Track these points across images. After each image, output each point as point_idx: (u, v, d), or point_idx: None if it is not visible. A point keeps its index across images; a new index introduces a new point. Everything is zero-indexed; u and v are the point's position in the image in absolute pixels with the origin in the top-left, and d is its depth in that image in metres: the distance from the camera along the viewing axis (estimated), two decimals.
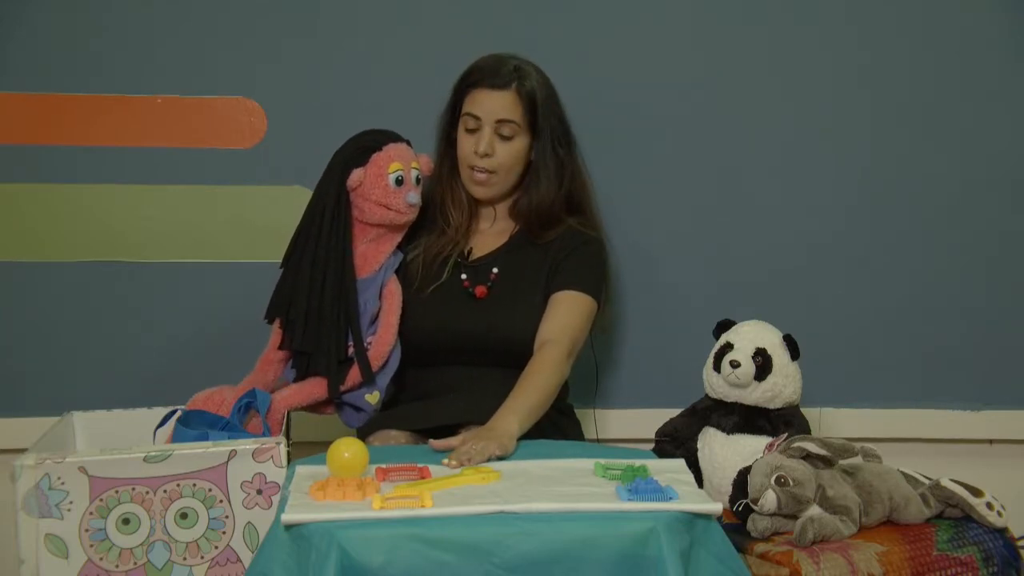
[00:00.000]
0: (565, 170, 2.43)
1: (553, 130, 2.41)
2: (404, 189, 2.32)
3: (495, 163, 2.39)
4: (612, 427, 2.73)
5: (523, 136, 2.40)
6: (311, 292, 2.29)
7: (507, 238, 2.47)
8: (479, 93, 2.38)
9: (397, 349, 2.36)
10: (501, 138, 2.38)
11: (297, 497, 1.84)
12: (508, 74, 2.38)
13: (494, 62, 2.40)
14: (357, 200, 2.32)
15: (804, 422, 2.34)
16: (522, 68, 2.40)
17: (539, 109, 2.39)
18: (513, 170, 2.41)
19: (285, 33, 2.64)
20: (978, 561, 2.10)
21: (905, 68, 2.70)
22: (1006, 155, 2.73)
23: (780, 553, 2.02)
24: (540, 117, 2.39)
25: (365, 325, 2.33)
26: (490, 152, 2.38)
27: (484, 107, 2.37)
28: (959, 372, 2.77)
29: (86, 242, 2.65)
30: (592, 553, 1.72)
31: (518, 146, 2.40)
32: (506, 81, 2.37)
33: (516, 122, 2.37)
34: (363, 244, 2.35)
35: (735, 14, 2.68)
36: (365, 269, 2.35)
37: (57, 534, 2.04)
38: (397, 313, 2.36)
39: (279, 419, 2.27)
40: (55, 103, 2.61)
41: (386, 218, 2.33)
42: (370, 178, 2.30)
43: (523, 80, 2.38)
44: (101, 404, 2.46)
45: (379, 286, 2.36)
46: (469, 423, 2.18)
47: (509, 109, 2.37)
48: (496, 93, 2.37)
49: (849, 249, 2.74)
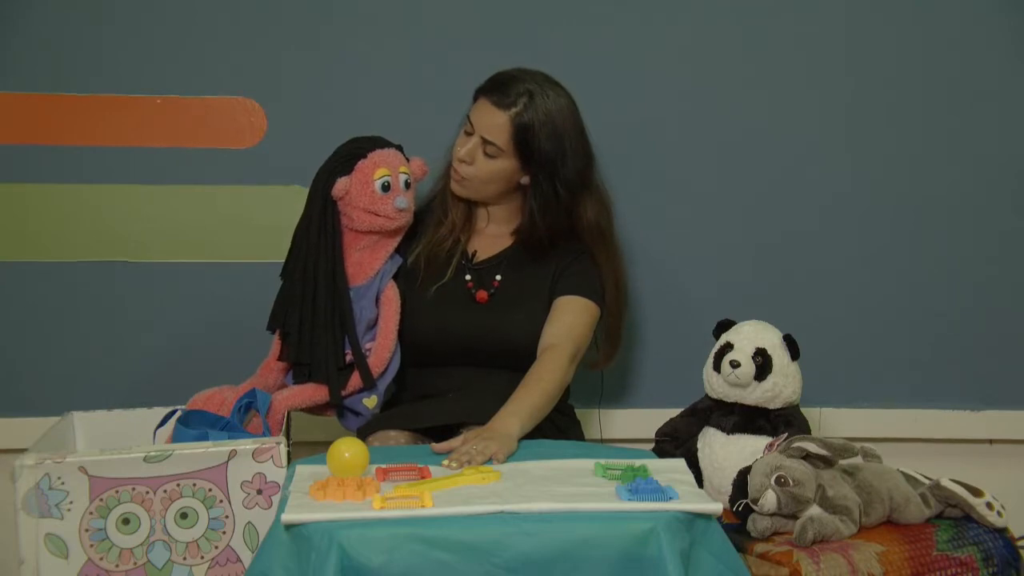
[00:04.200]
0: (561, 208, 2.36)
1: (551, 165, 2.33)
2: (392, 195, 2.31)
3: (470, 172, 2.37)
4: (613, 427, 2.73)
5: (507, 159, 2.34)
6: (303, 303, 2.30)
7: (510, 242, 2.46)
8: (483, 103, 2.35)
9: (397, 354, 2.36)
10: (484, 154, 2.35)
11: (297, 497, 1.84)
12: (515, 96, 2.32)
13: (509, 79, 2.35)
14: (346, 209, 2.31)
15: (804, 422, 2.34)
16: (534, 97, 2.31)
17: (532, 142, 2.31)
18: (489, 184, 2.38)
19: (285, 33, 2.64)
20: (978, 561, 2.10)
21: (905, 68, 2.71)
22: (1006, 155, 2.73)
23: (780, 553, 2.02)
24: (533, 150, 2.32)
25: (362, 332, 2.33)
26: (468, 161, 2.36)
27: (480, 119, 2.34)
28: (959, 372, 2.77)
29: (86, 242, 2.65)
30: (592, 553, 1.73)
31: (499, 167, 2.36)
32: (508, 103, 2.31)
33: (499, 146, 2.33)
34: (356, 252, 2.35)
35: (735, 15, 2.68)
36: (360, 277, 2.35)
37: (57, 534, 2.04)
38: (396, 320, 2.35)
39: (279, 419, 2.27)
40: (55, 103, 2.61)
41: (375, 225, 2.32)
42: (356, 186, 2.30)
43: (526, 109, 2.31)
44: (101, 404, 2.46)
45: (376, 293, 2.36)
46: (469, 423, 2.18)
47: (497, 131, 2.32)
48: (493, 110, 2.33)
49: (849, 249, 2.74)
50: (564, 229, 2.40)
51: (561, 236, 2.40)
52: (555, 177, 2.34)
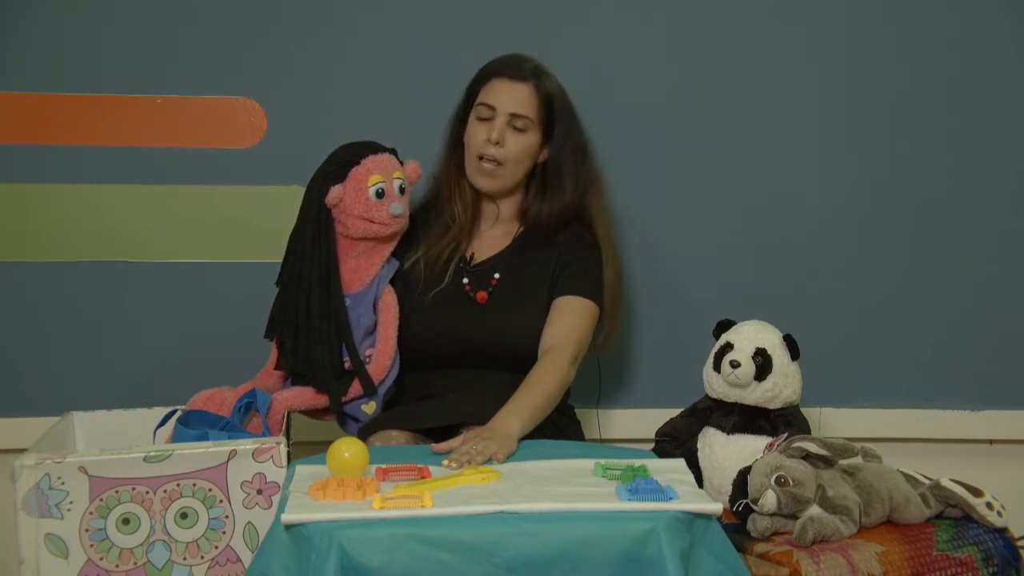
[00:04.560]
0: (580, 179, 2.42)
1: (570, 135, 2.40)
2: (386, 201, 2.31)
3: (504, 154, 2.37)
4: (613, 427, 2.73)
5: (535, 132, 2.38)
6: (298, 312, 2.29)
7: (509, 241, 2.46)
8: (497, 83, 2.37)
9: (396, 359, 2.36)
10: (514, 130, 2.37)
11: (297, 497, 1.84)
12: (529, 70, 2.38)
13: (514, 58, 2.40)
14: (340, 216, 2.31)
15: (804, 422, 2.34)
16: (541, 68, 2.40)
17: (556, 110, 2.38)
18: (521, 164, 2.40)
19: (285, 33, 2.64)
20: (978, 561, 2.10)
21: (905, 69, 2.71)
22: (1006, 155, 2.73)
23: (780, 553, 2.02)
24: (556, 118, 2.38)
25: (360, 338, 2.33)
26: (500, 141, 2.36)
27: (501, 97, 2.36)
28: (959, 372, 2.77)
29: (86, 242, 2.65)
30: (592, 553, 1.72)
31: (529, 140, 2.39)
32: (526, 75, 2.37)
33: (530, 117, 2.37)
34: (352, 259, 2.34)
35: (735, 15, 2.68)
36: (356, 283, 2.34)
37: (57, 534, 2.04)
38: (395, 326, 2.35)
39: (279, 419, 2.27)
40: (55, 103, 2.61)
41: (370, 231, 2.32)
42: (349, 193, 2.29)
43: (542, 79, 2.38)
44: (101, 404, 2.46)
45: (373, 299, 2.35)
46: (469, 423, 2.18)
47: (525, 103, 2.36)
48: (515, 84, 2.36)
49: (849, 249, 2.74)
50: (570, 209, 2.41)
51: (565, 218, 2.41)
52: (572, 142, 2.40)
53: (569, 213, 2.42)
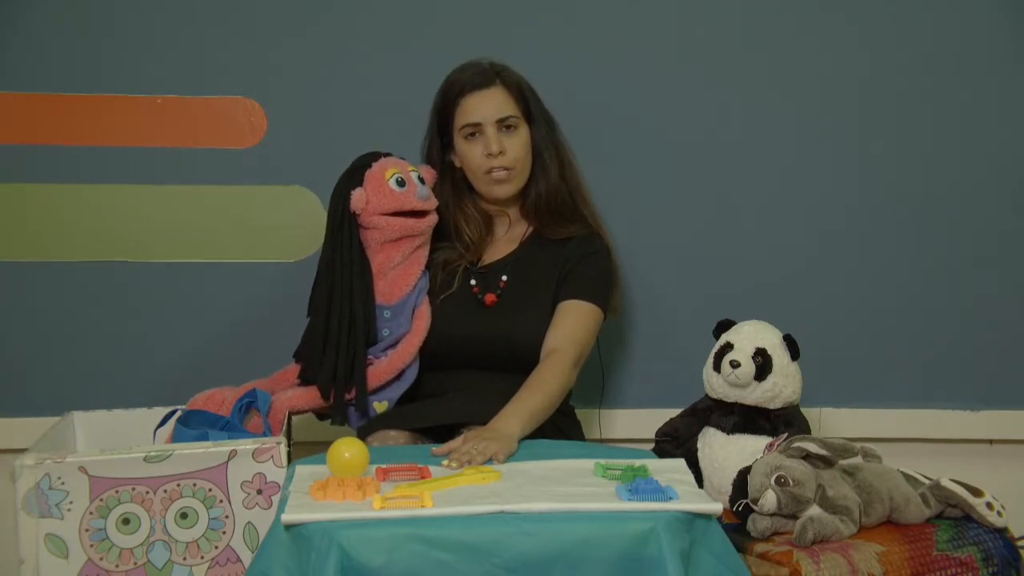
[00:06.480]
0: (561, 152, 2.45)
1: (543, 114, 2.43)
2: (410, 188, 2.31)
3: (511, 158, 2.39)
4: (613, 427, 2.73)
5: (523, 123, 2.41)
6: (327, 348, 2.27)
7: (517, 244, 2.47)
8: (470, 100, 2.38)
9: (415, 363, 2.36)
10: (507, 131, 2.38)
11: (297, 497, 1.84)
12: (488, 73, 2.39)
13: (468, 68, 2.40)
14: (372, 221, 2.29)
15: (804, 422, 2.34)
16: (496, 64, 2.41)
17: (527, 95, 2.41)
18: (527, 158, 2.42)
19: (285, 33, 2.64)
20: (978, 561, 2.10)
21: (904, 69, 2.70)
22: (1006, 155, 2.73)
23: (780, 553, 2.02)
24: (530, 101, 2.42)
25: (387, 347, 2.33)
26: (502, 150, 2.38)
27: (480, 111, 2.37)
28: (959, 372, 2.77)
29: (86, 242, 2.65)
30: (592, 553, 1.72)
31: (523, 135, 2.41)
32: (490, 79, 2.38)
33: (514, 114, 2.39)
34: (391, 270, 2.33)
35: (735, 16, 2.68)
36: (397, 294, 2.33)
37: (57, 534, 2.04)
38: (422, 336, 2.35)
39: (280, 419, 2.27)
40: (55, 103, 2.61)
41: (407, 227, 2.31)
42: (372, 192, 2.29)
43: (502, 74, 2.40)
44: (101, 404, 2.46)
45: (412, 307, 2.35)
46: (469, 423, 2.18)
47: (504, 104, 2.38)
48: (486, 93, 2.37)
49: (849, 249, 2.74)
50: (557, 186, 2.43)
51: (564, 190, 2.44)
52: (545, 120, 2.43)
53: (563, 190, 2.44)
